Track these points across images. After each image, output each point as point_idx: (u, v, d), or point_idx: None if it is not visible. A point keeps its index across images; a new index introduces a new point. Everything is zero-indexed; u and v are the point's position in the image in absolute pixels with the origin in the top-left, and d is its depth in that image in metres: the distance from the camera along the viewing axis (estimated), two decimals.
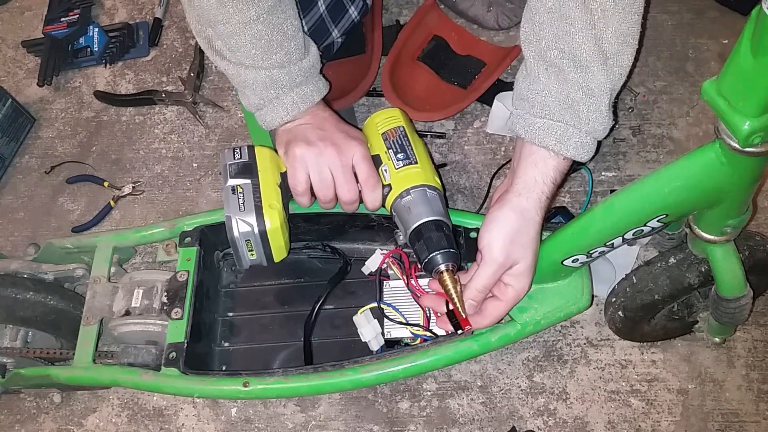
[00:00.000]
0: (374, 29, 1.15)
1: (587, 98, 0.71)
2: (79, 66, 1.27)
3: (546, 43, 0.71)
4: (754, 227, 1.01)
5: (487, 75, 1.12)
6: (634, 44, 0.70)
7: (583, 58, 0.70)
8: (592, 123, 0.72)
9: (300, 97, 0.82)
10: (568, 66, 0.71)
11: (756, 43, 0.50)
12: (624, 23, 0.68)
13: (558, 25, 0.70)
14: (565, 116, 0.72)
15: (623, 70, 0.71)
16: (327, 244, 0.96)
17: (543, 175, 0.73)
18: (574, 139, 0.72)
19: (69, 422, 0.98)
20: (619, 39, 0.69)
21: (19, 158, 1.20)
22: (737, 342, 0.95)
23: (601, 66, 0.70)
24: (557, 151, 0.72)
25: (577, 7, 0.68)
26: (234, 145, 1.15)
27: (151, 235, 0.93)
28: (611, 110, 0.73)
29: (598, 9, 0.67)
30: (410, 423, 0.93)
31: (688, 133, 1.09)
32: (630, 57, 0.71)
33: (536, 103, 0.74)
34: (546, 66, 0.72)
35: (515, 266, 0.74)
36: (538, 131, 0.73)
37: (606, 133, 0.74)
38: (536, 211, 0.73)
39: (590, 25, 0.68)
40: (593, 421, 0.92)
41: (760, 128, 0.54)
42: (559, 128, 0.72)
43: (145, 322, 0.85)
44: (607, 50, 0.69)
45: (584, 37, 0.69)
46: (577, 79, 0.71)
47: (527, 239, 0.73)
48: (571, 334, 0.97)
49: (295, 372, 0.82)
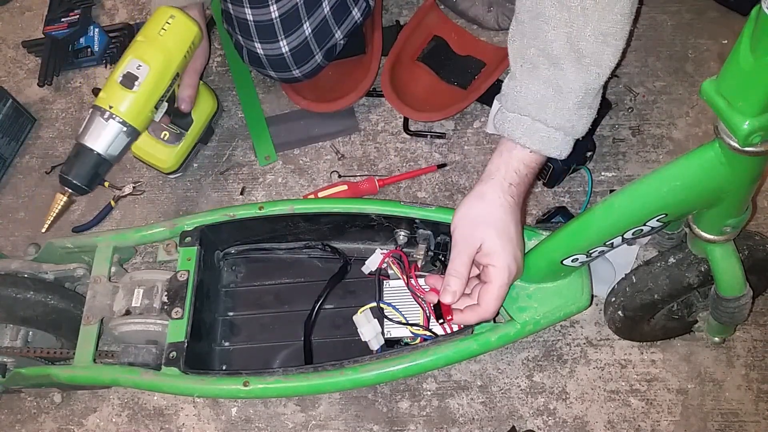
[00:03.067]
0: (374, 30, 1.15)
1: (556, 95, 0.72)
2: (79, 66, 1.27)
3: (526, 41, 0.73)
4: (754, 227, 1.01)
5: (487, 75, 1.12)
6: (617, 44, 0.70)
7: (554, 55, 0.71)
8: (559, 119, 0.73)
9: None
10: (542, 63, 0.72)
11: (756, 43, 0.50)
12: (604, 22, 0.68)
13: (535, 23, 0.72)
14: (533, 111, 0.74)
15: (602, 69, 0.71)
16: (327, 243, 0.96)
17: (506, 163, 0.76)
18: (540, 133, 0.74)
19: (69, 422, 0.98)
20: (599, 38, 0.69)
21: (19, 158, 1.20)
22: (737, 342, 0.95)
23: (573, 64, 0.70)
24: (523, 144, 0.75)
25: (553, 5, 0.69)
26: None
27: (152, 235, 0.93)
28: (589, 108, 0.74)
29: (578, 7, 0.68)
30: (410, 423, 0.93)
31: (687, 133, 1.10)
32: (611, 57, 0.71)
33: (509, 98, 0.76)
34: (522, 63, 0.75)
35: (483, 245, 0.74)
36: (508, 124, 0.76)
37: (579, 131, 0.75)
38: (498, 194, 0.75)
39: (565, 23, 0.69)
40: (593, 421, 0.92)
41: (760, 128, 0.54)
42: (526, 122, 0.74)
43: (146, 322, 0.86)
44: (584, 49, 0.69)
45: (557, 35, 0.70)
46: (549, 77, 0.72)
47: (490, 219, 0.75)
48: (571, 334, 0.97)
49: (295, 371, 0.82)
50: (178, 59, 0.91)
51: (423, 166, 1.10)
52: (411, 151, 1.12)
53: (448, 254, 0.77)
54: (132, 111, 0.88)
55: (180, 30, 0.92)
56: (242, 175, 1.13)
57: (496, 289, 0.75)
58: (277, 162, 1.13)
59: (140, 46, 0.90)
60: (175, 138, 1.05)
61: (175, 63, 0.91)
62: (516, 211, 0.76)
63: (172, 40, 0.91)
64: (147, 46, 0.90)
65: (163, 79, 0.90)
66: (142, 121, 0.90)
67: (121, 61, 0.89)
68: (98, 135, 0.87)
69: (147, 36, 0.91)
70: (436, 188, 1.09)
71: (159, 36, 0.90)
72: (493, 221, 0.75)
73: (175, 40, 0.91)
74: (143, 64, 0.88)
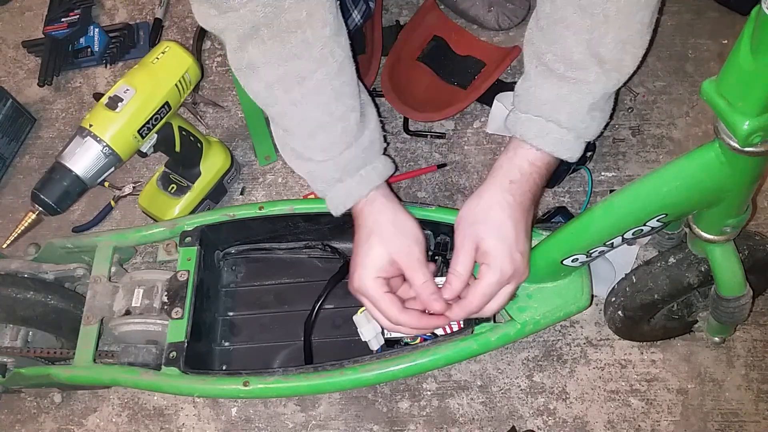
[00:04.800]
0: (374, 29, 1.15)
1: (572, 95, 0.72)
2: (79, 66, 1.27)
3: (544, 46, 0.73)
4: (754, 227, 1.01)
5: (487, 75, 1.12)
6: (636, 52, 0.70)
7: (574, 60, 0.70)
8: (573, 120, 0.72)
9: (346, 192, 0.78)
10: (559, 68, 0.72)
11: (756, 43, 0.50)
12: (625, 30, 0.68)
13: (555, 28, 0.71)
14: (546, 111, 0.73)
15: (622, 75, 0.71)
16: (327, 243, 0.96)
17: (509, 161, 0.75)
18: (553, 134, 0.73)
19: (69, 422, 0.98)
20: (618, 46, 0.69)
21: (19, 158, 1.20)
22: (737, 342, 0.95)
23: (593, 69, 0.70)
24: (536, 146, 0.74)
25: (575, 12, 0.69)
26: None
27: (152, 235, 0.93)
28: (602, 111, 0.74)
29: (600, 14, 0.67)
30: (410, 422, 0.93)
31: (687, 133, 1.10)
32: (631, 63, 0.71)
33: (523, 100, 0.75)
34: (537, 64, 0.74)
35: (480, 245, 0.73)
36: (521, 125, 0.75)
37: (591, 133, 0.74)
38: (497, 193, 0.74)
39: (587, 29, 0.69)
40: (593, 421, 0.92)
41: (760, 128, 0.54)
42: (540, 123, 0.73)
43: (146, 322, 0.86)
44: (604, 55, 0.69)
45: (577, 41, 0.69)
46: (566, 79, 0.71)
47: (486, 218, 0.74)
48: (571, 334, 0.97)
49: (295, 371, 0.82)
50: (168, 87, 0.90)
51: (423, 166, 1.10)
52: (411, 151, 1.12)
53: (448, 254, 0.77)
54: (111, 132, 0.85)
55: (173, 59, 0.91)
56: (242, 175, 1.13)
57: (482, 286, 0.73)
58: (277, 162, 1.13)
59: (132, 73, 0.90)
60: (181, 191, 1.04)
61: (164, 90, 0.90)
62: (517, 210, 0.74)
63: (163, 68, 0.90)
64: (138, 72, 0.90)
65: (149, 104, 0.88)
66: (123, 145, 0.87)
67: (112, 88, 0.88)
68: (76, 154, 0.85)
69: (141, 64, 0.91)
70: (436, 188, 1.09)
71: (152, 64, 0.90)
72: (489, 220, 0.74)
73: (166, 68, 0.90)
74: (130, 88, 0.87)
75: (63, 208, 0.87)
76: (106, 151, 0.85)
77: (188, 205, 1.04)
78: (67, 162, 0.85)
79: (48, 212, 0.87)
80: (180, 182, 1.04)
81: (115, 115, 0.86)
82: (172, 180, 1.04)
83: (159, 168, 1.07)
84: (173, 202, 1.04)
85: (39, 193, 0.85)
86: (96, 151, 0.85)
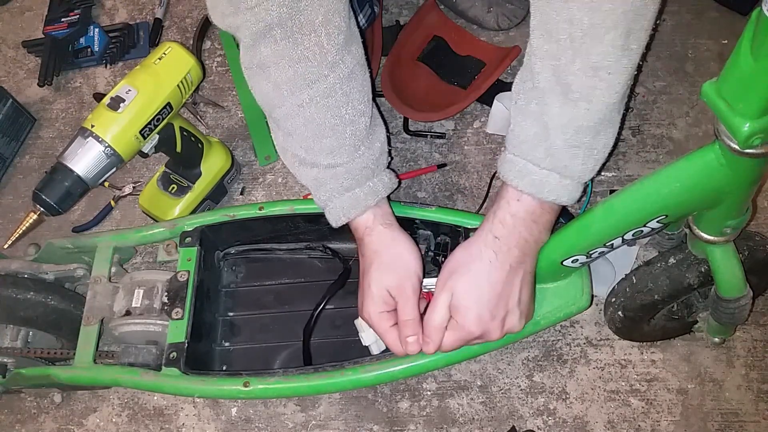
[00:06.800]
0: (374, 30, 1.15)
1: (544, 132, 0.67)
2: (79, 66, 1.27)
3: (521, 76, 0.70)
4: (754, 227, 1.01)
5: (487, 75, 1.12)
6: (611, 78, 0.63)
7: (540, 89, 0.66)
8: (550, 159, 0.68)
9: (352, 201, 0.78)
10: (530, 99, 0.68)
11: (756, 45, 0.50)
12: (593, 55, 0.62)
13: (529, 60, 0.68)
14: (524, 151, 0.69)
15: (593, 105, 0.64)
16: (328, 246, 0.96)
17: (494, 213, 0.73)
18: (533, 176, 0.69)
19: (69, 422, 0.98)
20: (588, 72, 0.63)
21: (19, 158, 1.20)
22: (737, 342, 0.95)
23: (558, 98, 0.65)
24: (515, 186, 0.70)
25: (541, 36, 0.64)
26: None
27: (152, 235, 0.93)
28: (588, 149, 0.67)
29: (566, 39, 0.62)
30: (410, 423, 0.93)
31: (687, 133, 1.10)
32: (605, 92, 0.64)
33: (508, 138, 0.73)
34: (517, 99, 0.70)
35: (454, 298, 0.72)
36: (505, 165, 0.72)
37: (574, 172, 0.68)
38: (480, 248, 0.72)
39: (552, 56, 0.64)
40: (593, 421, 0.92)
41: (760, 130, 0.54)
42: (519, 163, 0.70)
43: (146, 322, 0.86)
44: (572, 83, 0.64)
45: (543, 67, 0.65)
46: (536, 113, 0.67)
47: (464, 272, 0.72)
48: (571, 334, 0.97)
49: (295, 372, 0.82)
50: (170, 87, 0.90)
51: (423, 166, 1.10)
52: (411, 151, 1.12)
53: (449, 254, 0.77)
54: (113, 133, 0.85)
55: (175, 60, 0.91)
56: (242, 175, 1.13)
57: (446, 341, 0.73)
58: (277, 162, 1.13)
59: (134, 73, 0.90)
60: (182, 191, 1.04)
61: (166, 90, 0.90)
62: (498, 271, 0.71)
63: (165, 69, 0.90)
64: (140, 72, 0.90)
65: (151, 104, 0.88)
66: (125, 146, 0.87)
67: (114, 88, 0.88)
68: (77, 155, 0.85)
69: (143, 65, 0.91)
70: (436, 188, 1.09)
71: (153, 64, 0.90)
72: (469, 274, 0.72)
73: (168, 69, 0.90)
74: (132, 89, 0.87)
75: (64, 208, 0.87)
76: (107, 152, 0.85)
77: (189, 206, 1.04)
78: (68, 162, 0.85)
79: (49, 213, 0.87)
80: (180, 182, 1.04)
81: (117, 116, 0.86)
82: (173, 180, 1.04)
83: (159, 168, 1.07)
84: (174, 202, 1.04)
85: (40, 194, 0.85)
86: (98, 152, 0.85)
